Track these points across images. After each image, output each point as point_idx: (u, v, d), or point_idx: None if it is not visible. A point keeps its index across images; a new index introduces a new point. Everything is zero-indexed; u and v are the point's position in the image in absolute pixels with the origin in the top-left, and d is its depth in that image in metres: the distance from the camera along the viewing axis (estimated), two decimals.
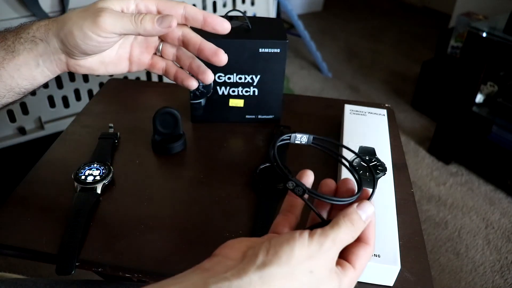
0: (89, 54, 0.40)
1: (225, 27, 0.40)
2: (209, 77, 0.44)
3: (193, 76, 0.45)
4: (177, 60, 0.45)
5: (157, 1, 0.40)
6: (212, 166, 0.55)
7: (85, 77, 1.15)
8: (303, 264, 0.28)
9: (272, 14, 1.41)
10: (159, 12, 0.40)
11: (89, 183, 0.49)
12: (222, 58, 0.42)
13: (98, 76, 1.17)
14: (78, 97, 1.17)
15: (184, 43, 0.42)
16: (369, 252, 0.32)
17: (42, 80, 0.42)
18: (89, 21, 0.37)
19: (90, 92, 1.18)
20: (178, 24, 0.41)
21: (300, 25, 2.01)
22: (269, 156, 0.35)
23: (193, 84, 0.45)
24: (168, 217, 0.48)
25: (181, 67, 0.45)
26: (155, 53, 0.45)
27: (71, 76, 1.13)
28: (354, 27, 2.72)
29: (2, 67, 0.40)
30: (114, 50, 0.43)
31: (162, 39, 0.44)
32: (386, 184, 0.47)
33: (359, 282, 0.41)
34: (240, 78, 0.60)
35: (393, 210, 0.44)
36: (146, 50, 0.45)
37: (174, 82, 0.45)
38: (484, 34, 1.26)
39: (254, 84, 0.60)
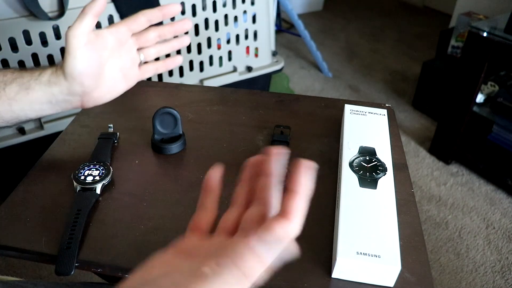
0: (84, 68, 0.46)
1: (176, 9, 0.50)
2: (187, 40, 0.54)
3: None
4: (159, 53, 0.54)
5: (122, 22, 0.49)
6: (212, 166, 0.55)
7: None
8: None
9: (272, 14, 1.41)
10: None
11: (89, 183, 0.49)
12: (188, 24, 0.52)
13: None
14: None
15: (161, 36, 0.52)
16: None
17: (50, 113, 0.49)
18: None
19: None
20: (149, 28, 0.51)
21: (300, 25, 2.01)
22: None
23: (180, 59, 0.56)
24: (168, 218, 0.48)
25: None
26: (139, 63, 0.53)
27: None
28: (355, 27, 2.72)
29: (15, 100, 0.45)
30: (109, 76, 0.50)
31: (141, 47, 0.53)
32: (386, 184, 0.47)
33: (359, 283, 0.41)
34: None
35: (394, 210, 0.44)
36: (133, 64, 0.52)
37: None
38: (485, 34, 1.26)
39: None
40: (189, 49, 1.25)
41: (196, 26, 1.23)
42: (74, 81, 0.46)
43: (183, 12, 1.18)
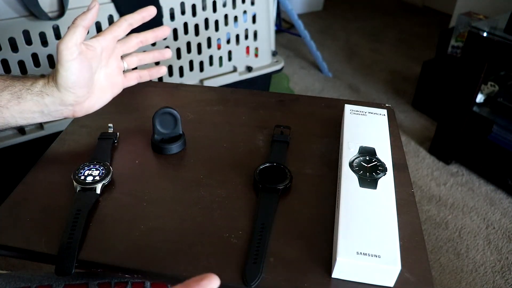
0: (77, 79, 0.47)
1: (152, 11, 0.52)
2: (169, 53, 0.57)
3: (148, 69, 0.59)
4: (140, 61, 0.57)
5: (107, 30, 0.50)
6: (212, 166, 0.55)
7: None
8: None
9: (272, 14, 1.41)
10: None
11: (89, 183, 0.49)
12: (168, 31, 0.55)
13: None
14: None
15: (143, 42, 0.55)
16: None
17: (41, 121, 0.50)
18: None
19: None
20: (132, 34, 0.54)
21: (300, 25, 2.01)
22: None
23: (164, 70, 0.58)
24: (168, 218, 0.48)
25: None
26: (123, 71, 0.56)
27: None
28: (355, 27, 2.72)
29: (6, 107, 0.46)
30: (99, 84, 0.52)
31: (124, 54, 0.55)
32: (386, 184, 0.47)
33: (359, 283, 0.41)
34: None
35: (394, 211, 0.44)
36: (118, 72, 0.54)
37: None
38: (485, 34, 1.26)
39: None
40: (189, 49, 1.25)
41: (196, 26, 1.23)
42: (68, 92, 0.47)
43: (183, 12, 1.18)
